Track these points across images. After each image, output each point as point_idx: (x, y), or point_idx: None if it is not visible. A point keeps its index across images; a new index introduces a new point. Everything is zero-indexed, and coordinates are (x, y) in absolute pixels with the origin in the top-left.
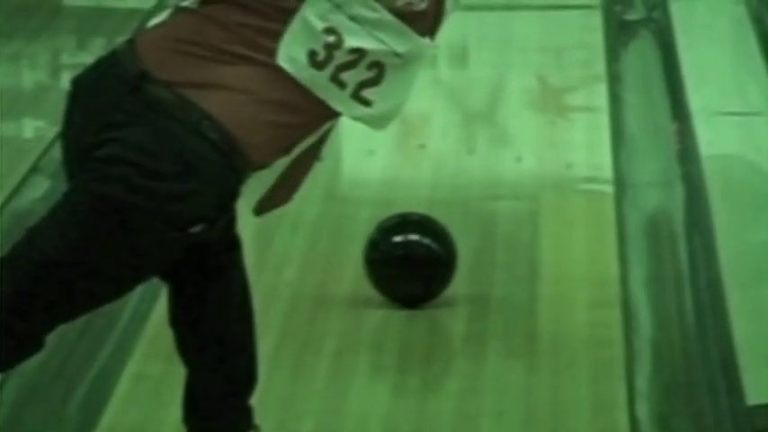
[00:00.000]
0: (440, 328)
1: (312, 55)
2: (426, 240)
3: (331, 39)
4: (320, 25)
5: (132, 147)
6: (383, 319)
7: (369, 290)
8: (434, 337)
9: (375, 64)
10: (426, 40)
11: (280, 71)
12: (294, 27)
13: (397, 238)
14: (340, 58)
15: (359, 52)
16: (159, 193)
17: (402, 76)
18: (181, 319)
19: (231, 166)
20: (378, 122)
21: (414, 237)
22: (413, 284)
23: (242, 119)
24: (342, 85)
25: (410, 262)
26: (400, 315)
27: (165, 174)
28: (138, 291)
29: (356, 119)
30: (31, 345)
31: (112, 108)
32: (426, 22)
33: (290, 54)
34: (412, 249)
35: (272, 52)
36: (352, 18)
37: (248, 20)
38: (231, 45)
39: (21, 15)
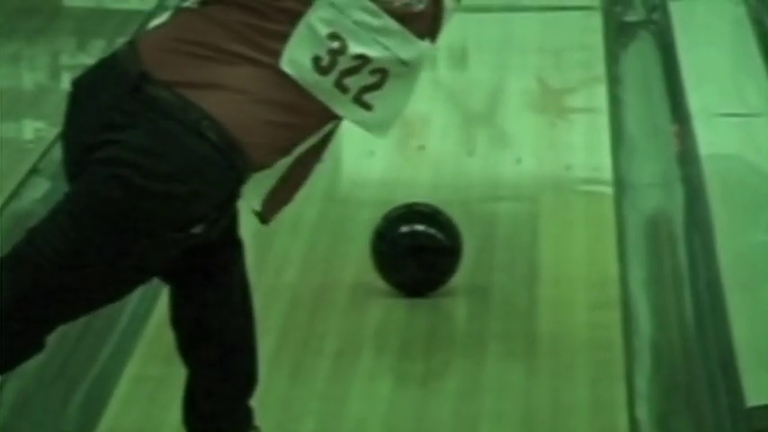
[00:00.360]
0: (439, 330)
1: (316, 60)
2: (432, 230)
3: (335, 45)
4: (325, 31)
5: (132, 148)
6: (383, 321)
7: (368, 291)
8: (434, 339)
9: (379, 70)
10: (427, 44)
11: (281, 72)
12: (299, 31)
13: (404, 228)
14: (344, 63)
15: (363, 59)
16: (160, 193)
17: (403, 83)
18: (182, 320)
19: (231, 166)
20: (377, 128)
21: (420, 227)
22: (418, 273)
23: (241, 118)
24: (345, 89)
25: (416, 251)
26: (400, 317)
27: (166, 174)
28: (138, 292)
29: (356, 123)
30: (32, 346)
31: (112, 109)
32: (425, 23)
33: (294, 58)
34: (418, 239)
35: (274, 53)
36: (357, 24)
37: (248, 20)
38: (231, 45)
39: (21, 16)
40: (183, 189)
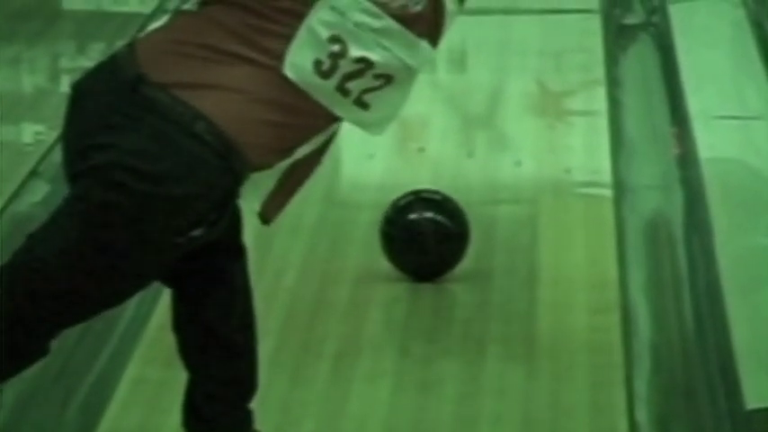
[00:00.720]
0: (439, 332)
1: (317, 64)
2: (439, 217)
3: (336, 48)
4: (325, 34)
5: (128, 151)
6: (382, 323)
7: (368, 292)
8: (433, 341)
9: (384, 76)
10: (425, 44)
11: (281, 73)
12: (300, 35)
13: (412, 215)
14: (345, 67)
15: (364, 62)
16: (156, 195)
17: (402, 85)
18: (183, 324)
19: (228, 166)
20: (374, 127)
21: (428, 214)
22: (425, 258)
23: (237, 118)
24: (346, 93)
25: (423, 237)
26: (399, 318)
27: (163, 176)
28: (138, 295)
29: (354, 123)
30: (36, 351)
31: (110, 111)
32: (424, 25)
33: (296, 62)
34: (424, 226)
35: (274, 53)
36: (357, 26)
37: (248, 20)
38: (230, 45)
39: (20, 19)
40: (179, 190)
